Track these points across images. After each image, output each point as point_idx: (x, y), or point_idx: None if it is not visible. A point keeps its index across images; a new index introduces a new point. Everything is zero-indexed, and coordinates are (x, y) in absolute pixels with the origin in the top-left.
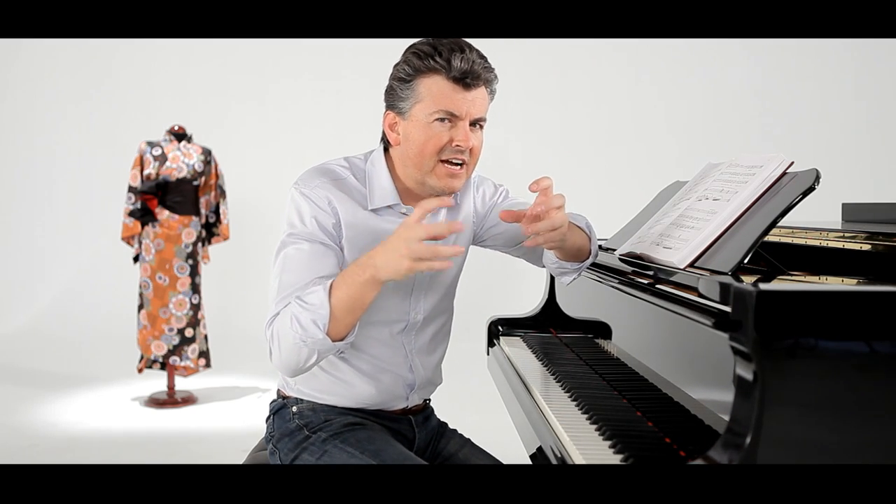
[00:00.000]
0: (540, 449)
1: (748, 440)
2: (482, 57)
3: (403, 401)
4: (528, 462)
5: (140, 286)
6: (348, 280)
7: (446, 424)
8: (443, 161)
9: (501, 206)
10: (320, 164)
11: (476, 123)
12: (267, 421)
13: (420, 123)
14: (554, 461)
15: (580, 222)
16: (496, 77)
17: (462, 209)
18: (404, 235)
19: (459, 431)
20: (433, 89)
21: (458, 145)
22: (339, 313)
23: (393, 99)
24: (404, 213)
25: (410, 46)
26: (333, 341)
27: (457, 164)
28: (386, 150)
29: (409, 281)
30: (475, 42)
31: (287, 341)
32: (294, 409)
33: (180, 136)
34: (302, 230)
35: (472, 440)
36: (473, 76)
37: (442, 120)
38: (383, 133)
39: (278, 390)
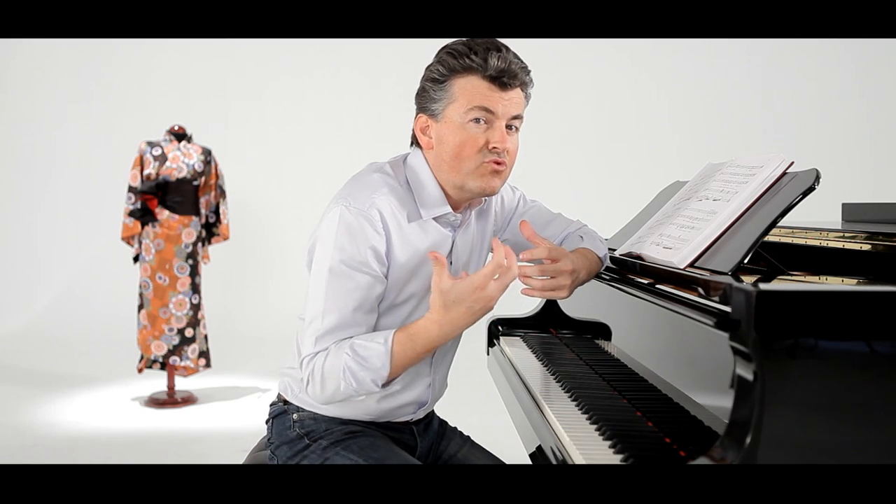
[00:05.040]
0: (540, 449)
1: (748, 440)
2: (518, 58)
3: (409, 415)
4: (528, 462)
5: (140, 286)
6: (415, 347)
7: (446, 423)
8: (483, 161)
9: (521, 213)
10: (366, 175)
11: (511, 126)
12: (266, 423)
13: (454, 125)
14: (554, 461)
15: (599, 251)
16: (532, 80)
17: (490, 214)
18: (483, 301)
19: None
20: (468, 88)
21: (494, 147)
22: (396, 371)
23: (425, 101)
24: (452, 222)
25: (444, 47)
26: (387, 386)
27: (497, 163)
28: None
29: None
30: None
31: (334, 386)
32: (294, 416)
33: (180, 136)
34: (353, 257)
35: (472, 439)
36: (510, 75)
37: (477, 121)
38: (413, 136)
39: (279, 393)
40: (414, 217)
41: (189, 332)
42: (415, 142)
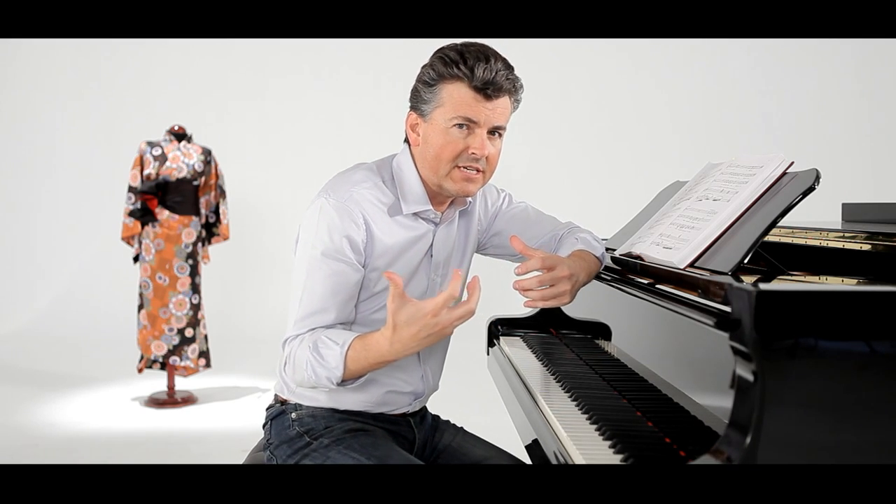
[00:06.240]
0: (540, 448)
1: (748, 440)
2: (508, 67)
3: (406, 406)
4: (528, 461)
5: (140, 286)
6: (367, 357)
7: (438, 417)
8: (458, 167)
9: (505, 213)
10: (351, 171)
11: (495, 132)
12: (264, 427)
13: (439, 128)
14: (554, 461)
15: (596, 251)
16: (521, 87)
17: (473, 214)
18: (432, 328)
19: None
20: (454, 96)
21: (473, 153)
22: (350, 375)
23: (416, 100)
24: (432, 220)
25: (439, 50)
26: (345, 384)
27: (473, 170)
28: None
29: (421, 294)
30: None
31: (301, 375)
32: (293, 415)
33: (180, 136)
34: (329, 247)
35: (465, 428)
36: (495, 88)
37: (460, 126)
38: (405, 135)
39: (275, 395)
40: (395, 211)
41: (189, 332)
42: (406, 139)
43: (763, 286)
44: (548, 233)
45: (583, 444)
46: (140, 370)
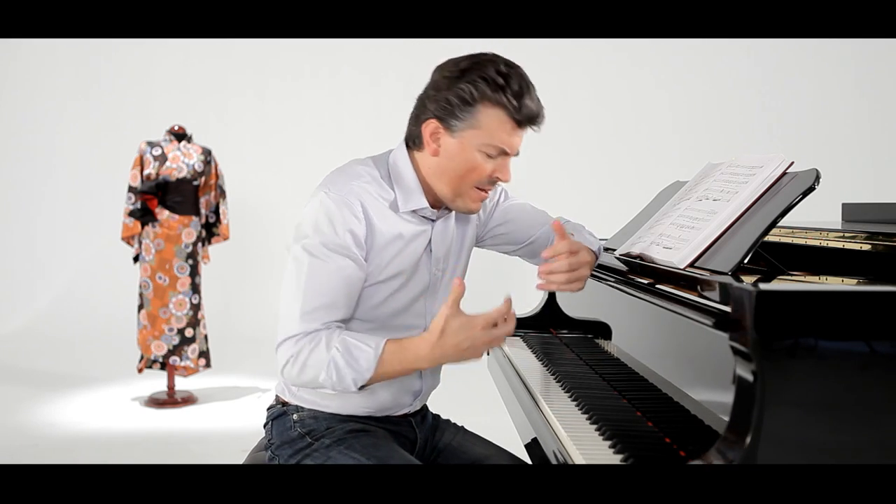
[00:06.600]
0: (540, 448)
1: (748, 440)
2: (538, 97)
3: (407, 406)
4: (527, 461)
5: (140, 286)
6: (401, 361)
7: (439, 416)
8: (477, 188)
9: (503, 206)
10: (348, 166)
11: None
12: (265, 427)
13: (467, 147)
14: (554, 461)
15: (592, 245)
16: None
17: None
18: (477, 341)
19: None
20: (494, 123)
21: (497, 177)
22: (377, 379)
23: (444, 112)
24: (429, 217)
25: (477, 66)
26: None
27: (485, 190)
28: (408, 147)
29: (424, 288)
30: (475, 43)
31: (314, 375)
32: (295, 416)
33: (180, 136)
34: (332, 240)
35: (465, 427)
36: (535, 122)
37: (490, 154)
38: (409, 133)
39: (276, 396)
40: (393, 208)
41: (189, 332)
42: (410, 139)
43: (763, 286)
44: (541, 226)
45: (583, 444)
46: (140, 370)
